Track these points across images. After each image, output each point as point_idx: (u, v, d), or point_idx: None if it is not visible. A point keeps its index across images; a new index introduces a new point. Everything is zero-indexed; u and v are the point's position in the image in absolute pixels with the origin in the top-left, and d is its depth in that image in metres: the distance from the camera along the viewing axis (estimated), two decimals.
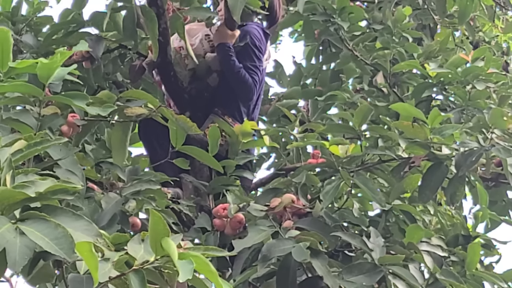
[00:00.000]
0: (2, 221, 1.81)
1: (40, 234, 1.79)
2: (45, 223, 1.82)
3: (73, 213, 1.90)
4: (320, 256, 2.79)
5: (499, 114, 3.31)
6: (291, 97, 5.35)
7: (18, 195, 1.84)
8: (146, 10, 3.63)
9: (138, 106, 3.16)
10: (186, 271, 1.84)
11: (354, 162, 3.29)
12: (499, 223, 3.90)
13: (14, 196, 1.84)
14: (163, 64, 3.82)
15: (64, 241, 1.78)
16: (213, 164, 3.48)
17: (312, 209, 3.15)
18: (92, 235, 1.88)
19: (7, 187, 1.91)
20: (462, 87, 4.44)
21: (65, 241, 1.78)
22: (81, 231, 1.86)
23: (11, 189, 1.88)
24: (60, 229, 1.80)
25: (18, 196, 1.84)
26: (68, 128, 3.02)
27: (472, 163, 3.10)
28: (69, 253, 1.77)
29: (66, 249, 1.77)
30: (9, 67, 2.56)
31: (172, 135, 3.26)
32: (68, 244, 1.78)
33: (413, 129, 3.17)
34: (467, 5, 4.87)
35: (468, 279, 3.24)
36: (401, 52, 4.88)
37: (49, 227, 1.80)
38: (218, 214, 3.26)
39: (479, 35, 6.19)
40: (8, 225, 1.80)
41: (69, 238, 1.78)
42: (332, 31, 4.94)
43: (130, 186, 3.03)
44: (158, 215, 1.91)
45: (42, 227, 1.80)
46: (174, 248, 1.87)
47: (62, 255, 1.77)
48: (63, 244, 1.78)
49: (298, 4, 4.97)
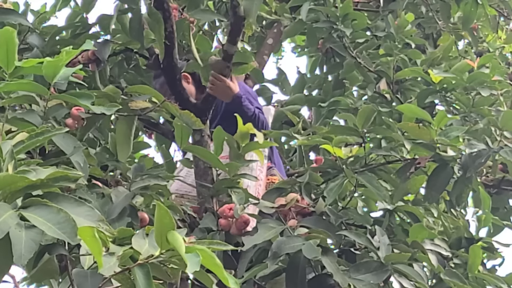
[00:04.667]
0: (5, 208, 1.81)
1: (42, 220, 1.79)
2: (47, 209, 1.82)
3: (75, 199, 1.90)
4: (329, 254, 2.79)
5: (510, 116, 3.31)
6: (294, 103, 5.38)
7: (20, 180, 1.84)
8: (153, 12, 3.65)
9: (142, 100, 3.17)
10: (194, 264, 1.84)
11: (357, 163, 3.30)
12: (502, 228, 3.91)
13: (16, 182, 1.85)
14: (169, 67, 3.84)
15: (66, 225, 1.79)
16: (218, 164, 3.49)
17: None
18: (95, 220, 1.88)
19: (8, 173, 1.92)
20: (465, 94, 4.45)
21: (67, 225, 1.79)
22: (84, 217, 1.87)
23: (13, 174, 1.89)
24: (62, 213, 1.80)
25: (20, 181, 1.84)
26: (72, 121, 3.03)
27: (480, 164, 3.11)
28: (72, 236, 1.77)
29: (69, 233, 1.78)
30: (14, 67, 2.57)
31: (177, 133, 3.27)
32: (71, 228, 1.78)
33: (418, 130, 3.18)
34: (471, 11, 4.90)
35: (471, 282, 3.25)
36: (404, 59, 4.90)
37: (52, 212, 1.81)
38: (224, 214, 3.27)
39: (483, 45, 6.22)
40: (10, 211, 1.80)
41: (71, 222, 1.79)
42: (335, 38, 4.97)
43: (139, 181, 3.03)
44: (164, 208, 1.91)
45: (44, 213, 1.81)
46: (180, 241, 1.87)
47: (65, 239, 1.77)
48: (65, 228, 1.78)
49: (301, 12, 5.00)
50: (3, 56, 2.53)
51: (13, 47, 2.55)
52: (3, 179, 1.85)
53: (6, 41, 2.52)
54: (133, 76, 4.56)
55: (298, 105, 5.36)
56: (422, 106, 4.58)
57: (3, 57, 2.54)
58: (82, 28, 4.01)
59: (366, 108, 3.33)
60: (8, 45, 2.53)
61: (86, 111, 3.01)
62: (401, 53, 4.89)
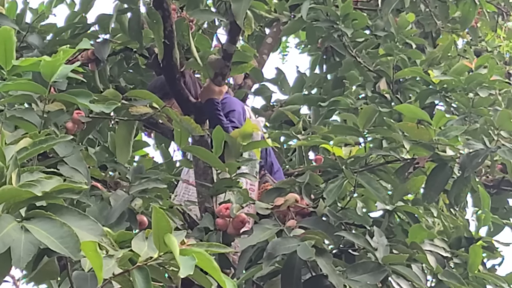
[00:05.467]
0: (8, 219, 1.80)
1: (45, 233, 1.79)
2: (50, 222, 1.81)
3: (78, 213, 1.89)
4: (325, 255, 2.79)
5: (507, 116, 3.31)
6: (293, 103, 5.37)
7: (25, 194, 1.84)
8: (152, 12, 3.65)
9: (143, 105, 3.17)
10: (187, 267, 1.85)
11: (357, 163, 3.30)
12: (502, 228, 3.91)
13: (20, 195, 1.84)
14: (168, 67, 3.84)
15: (69, 240, 1.78)
16: (218, 165, 3.49)
17: (316, 208, 3.15)
18: (97, 235, 1.87)
19: (13, 186, 1.90)
20: (465, 94, 4.45)
21: (70, 240, 1.78)
22: (86, 231, 1.86)
23: (17, 188, 1.88)
24: (65, 228, 1.80)
25: (25, 195, 1.84)
26: (73, 125, 3.04)
27: (477, 164, 3.11)
28: (75, 252, 1.77)
29: (71, 248, 1.77)
30: (12, 65, 2.56)
31: (176, 137, 3.27)
32: (74, 243, 1.78)
33: (417, 130, 3.18)
34: (470, 11, 4.90)
35: (471, 281, 3.25)
36: (404, 58, 4.90)
37: (55, 226, 1.80)
38: (220, 214, 3.27)
39: (481, 44, 6.22)
40: (13, 223, 1.80)
41: (74, 237, 1.78)
42: (335, 37, 4.97)
43: (138, 184, 3.03)
44: (161, 211, 1.92)
45: (47, 226, 1.80)
46: (175, 243, 1.88)
47: (67, 254, 1.76)
48: (68, 243, 1.78)
49: (301, 10, 4.99)
50: (2, 55, 2.53)
51: (11, 46, 2.54)
52: (8, 192, 1.84)
53: (4, 40, 2.52)
54: (132, 76, 4.56)
55: (297, 104, 5.36)
56: (422, 106, 4.59)
57: (2, 56, 2.53)
58: (82, 28, 4.01)
59: (368, 108, 3.33)
60: (6, 44, 2.53)
61: (87, 115, 3.02)
62: (401, 53, 4.88)
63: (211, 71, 3.99)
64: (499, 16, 6.19)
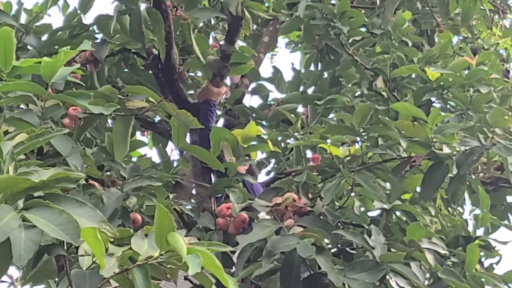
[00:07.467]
0: (7, 209, 1.81)
1: (45, 221, 1.80)
2: (49, 210, 1.83)
3: (76, 201, 1.90)
4: (324, 253, 2.80)
5: (500, 113, 3.31)
6: (290, 102, 5.37)
7: (22, 182, 1.85)
8: (152, 12, 3.64)
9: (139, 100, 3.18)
10: (195, 265, 1.86)
11: (354, 162, 3.30)
12: (498, 227, 3.92)
13: (17, 184, 1.85)
14: (166, 67, 3.85)
15: (69, 227, 1.79)
16: (216, 164, 3.49)
17: (313, 207, 3.15)
18: (97, 221, 1.88)
19: (10, 175, 1.92)
20: (463, 91, 4.44)
21: (70, 227, 1.79)
22: (86, 218, 1.87)
23: (15, 176, 1.89)
24: (64, 215, 1.81)
25: (22, 183, 1.85)
26: (70, 121, 3.04)
27: (473, 162, 3.11)
28: (75, 238, 1.78)
29: (71, 234, 1.78)
30: (12, 66, 2.57)
31: (174, 132, 3.27)
32: (74, 229, 1.79)
33: (413, 128, 3.19)
34: (470, 7, 4.89)
35: (469, 280, 3.25)
36: (401, 56, 4.89)
37: (54, 213, 1.82)
38: (221, 213, 3.28)
39: (478, 42, 6.22)
40: (12, 213, 1.81)
41: (74, 224, 1.79)
42: (332, 35, 4.96)
43: (132, 182, 3.04)
44: (165, 209, 1.92)
45: (46, 214, 1.81)
46: (181, 242, 1.89)
47: (68, 240, 1.77)
48: (68, 229, 1.79)
49: (298, 9, 4.99)
50: (1, 56, 2.54)
51: (11, 47, 2.55)
52: (5, 181, 1.85)
53: (4, 41, 2.53)
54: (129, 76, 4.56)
55: (294, 103, 5.35)
56: (418, 104, 4.58)
57: (1, 57, 2.54)
58: (80, 29, 4.01)
59: (362, 106, 3.33)
60: (6, 45, 2.54)
61: (83, 111, 3.01)
62: (398, 51, 4.88)
63: (209, 72, 4.00)
64: (495, 14, 6.18)
